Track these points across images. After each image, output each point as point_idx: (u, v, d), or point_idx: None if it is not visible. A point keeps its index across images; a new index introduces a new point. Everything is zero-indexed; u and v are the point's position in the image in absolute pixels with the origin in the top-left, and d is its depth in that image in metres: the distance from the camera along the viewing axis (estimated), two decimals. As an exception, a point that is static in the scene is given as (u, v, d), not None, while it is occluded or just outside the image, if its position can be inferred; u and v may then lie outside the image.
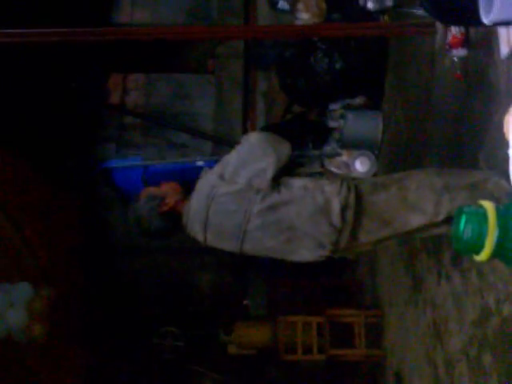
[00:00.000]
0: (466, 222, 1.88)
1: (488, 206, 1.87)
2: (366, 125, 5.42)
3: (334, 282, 6.71)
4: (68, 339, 5.90)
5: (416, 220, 2.60)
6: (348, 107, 5.59)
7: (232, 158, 2.72)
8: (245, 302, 7.24)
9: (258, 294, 7.11)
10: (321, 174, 2.84)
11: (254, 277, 7.17)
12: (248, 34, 4.67)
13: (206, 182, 2.73)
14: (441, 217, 2.58)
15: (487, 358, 3.10)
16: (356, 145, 5.51)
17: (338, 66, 5.39)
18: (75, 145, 6.85)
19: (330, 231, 2.60)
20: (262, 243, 2.69)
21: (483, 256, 1.85)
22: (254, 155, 2.66)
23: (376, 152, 5.53)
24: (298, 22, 5.53)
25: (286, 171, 2.71)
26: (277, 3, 6.46)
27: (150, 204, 2.78)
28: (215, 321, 6.88)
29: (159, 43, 5.78)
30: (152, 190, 2.84)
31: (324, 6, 5.61)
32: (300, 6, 5.74)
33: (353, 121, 5.41)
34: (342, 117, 5.51)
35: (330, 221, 2.58)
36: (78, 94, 6.78)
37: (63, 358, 5.87)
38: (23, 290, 4.71)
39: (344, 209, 2.58)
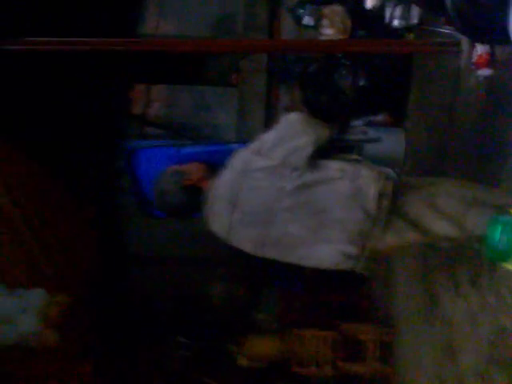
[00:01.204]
0: (502, 232, 1.87)
1: None
2: (389, 142, 5.45)
3: (348, 297, 6.68)
4: (78, 346, 5.92)
5: (441, 227, 2.54)
6: (370, 124, 5.62)
7: (270, 135, 2.63)
8: (256, 314, 7.23)
9: (271, 306, 7.10)
10: (358, 161, 2.65)
11: (267, 289, 7.16)
12: (272, 48, 4.71)
13: (239, 158, 2.65)
14: (465, 229, 2.51)
15: (502, 379, 3.08)
16: (378, 162, 5.53)
17: (361, 82, 5.42)
18: (96, 154, 6.91)
19: (364, 218, 2.50)
20: (289, 228, 2.59)
21: None
22: (292, 133, 2.58)
23: (398, 170, 5.55)
24: (323, 38, 5.57)
25: (322, 155, 2.61)
26: (302, 19, 6.51)
27: (174, 178, 2.77)
28: (226, 332, 6.87)
29: (183, 55, 5.84)
30: (178, 166, 2.82)
31: (349, 22, 5.64)
32: (325, 22, 5.78)
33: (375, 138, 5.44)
34: (365, 134, 5.54)
35: (365, 207, 2.50)
36: (101, 103, 6.84)
37: (72, 365, 5.88)
38: (37, 296, 4.72)
39: (381, 196, 2.50)
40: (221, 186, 2.67)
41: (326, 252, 2.59)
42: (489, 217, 2.43)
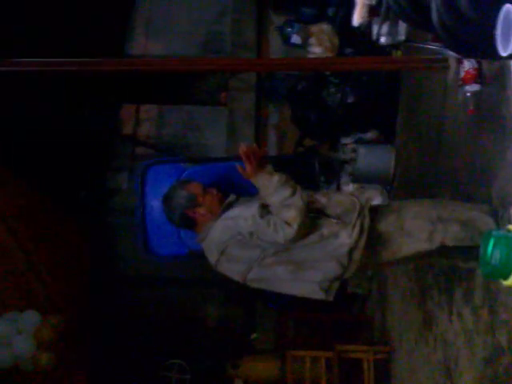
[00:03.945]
0: (495, 246, 1.85)
1: None
2: (378, 159, 5.45)
3: (344, 317, 6.65)
4: (73, 369, 5.86)
5: (410, 246, 2.86)
6: (360, 141, 5.62)
7: (268, 233, 2.77)
8: (253, 336, 7.18)
9: (266, 327, 7.05)
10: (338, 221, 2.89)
11: (263, 310, 7.12)
12: (261, 67, 4.70)
13: (235, 225, 2.85)
14: (434, 245, 2.83)
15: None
16: (368, 179, 5.53)
17: (350, 99, 5.42)
18: (87, 174, 6.88)
19: (337, 268, 2.83)
20: (271, 269, 2.89)
21: None
22: (286, 242, 2.78)
23: (388, 186, 5.54)
24: (311, 57, 5.57)
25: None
26: (290, 38, 6.54)
27: (185, 202, 2.96)
28: (222, 354, 6.81)
29: (172, 75, 5.84)
30: (199, 191, 2.99)
31: (336, 40, 5.66)
32: (313, 40, 5.80)
33: (365, 155, 5.43)
34: (354, 151, 5.54)
35: (339, 260, 2.81)
36: (90, 124, 6.82)
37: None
38: (31, 318, 4.70)
39: (352, 249, 2.79)
40: (211, 235, 2.93)
41: (305, 286, 2.91)
42: (455, 231, 2.79)
